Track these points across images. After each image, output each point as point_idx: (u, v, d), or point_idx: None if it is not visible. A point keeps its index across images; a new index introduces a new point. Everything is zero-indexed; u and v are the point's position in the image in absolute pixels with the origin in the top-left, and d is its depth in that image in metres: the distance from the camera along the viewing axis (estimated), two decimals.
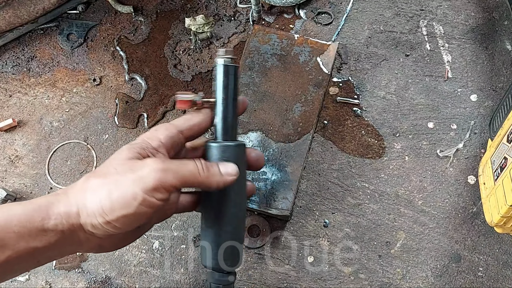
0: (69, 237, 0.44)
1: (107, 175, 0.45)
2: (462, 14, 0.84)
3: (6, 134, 0.81)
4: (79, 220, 0.43)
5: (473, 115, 0.77)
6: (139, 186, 0.43)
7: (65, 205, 0.43)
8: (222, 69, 0.52)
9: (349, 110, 0.78)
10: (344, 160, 0.75)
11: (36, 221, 0.42)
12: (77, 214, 0.43)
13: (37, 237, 0.42)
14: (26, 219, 0.42)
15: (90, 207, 0.43)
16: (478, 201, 0.71)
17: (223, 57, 0.52)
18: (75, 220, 0.43)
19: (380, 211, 0.72)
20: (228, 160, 0.52)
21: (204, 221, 0.55)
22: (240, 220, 0.56)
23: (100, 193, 0.43)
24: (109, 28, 0.87)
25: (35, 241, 0.42)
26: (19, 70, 0.85)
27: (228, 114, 0.53)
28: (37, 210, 0.43)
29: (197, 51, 0.85)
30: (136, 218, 0.44)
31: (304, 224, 0.72)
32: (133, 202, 0.43)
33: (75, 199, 0.44)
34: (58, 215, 0.43)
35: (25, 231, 0.41)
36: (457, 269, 0.69)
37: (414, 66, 0.80)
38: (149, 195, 0.43)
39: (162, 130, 0.50)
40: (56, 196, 0.45)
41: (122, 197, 0.43)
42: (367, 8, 0.85)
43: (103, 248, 0.48)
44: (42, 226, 0.42)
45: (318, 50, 0.77)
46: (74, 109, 0.82)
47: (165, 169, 0.44)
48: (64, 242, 0.44)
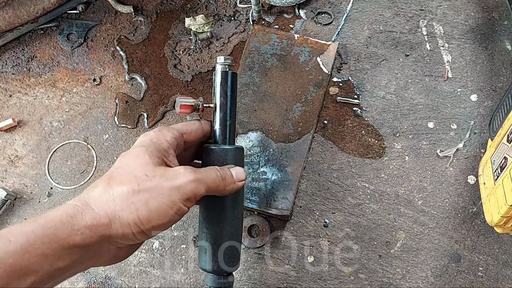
0: (92, 249, 0.41)
1: (138, 183, 0.43)
2: (462, 14, 0.84)
3: (6, 134, 0.81)
4: (109, 231, 0.41)
5: (473, 115, 0.77)
6: (177, 196, 0.43)
7: (92, 217, 0.41)
8: (221, 75, 0.54)
9: (349, 110, 0.78)
10: (344, 160, 0.75)
11: (61, 239, 0.38)
12: (107, 225, 0.41)
13: (61, 257, 0.38)
14: (50, 239, 0.38)
15: (125, 217, 0.41)
16: (478, 201, 0.71)
17: (222, 64, 0.54)
18: (104, 231, 0.41)
19: (380, 211, 0.72)
20: (228, 163, 0.52)
21: (203, 221, 0.55)
22: (239, 221, 0.56)
23: (137, 203, 0.42)
24: (109, 28, 0.87)
25: (59, 261, 0.38)
26: (19, 70, 0.85)
27: (227, 118, 0.55)
28: (60, 227, 0.39)
29: (197, 51, 0.85)
30: (167, 226, 0.45)
31: (304, 224, 0.72)
32: (170, 211, 0.43)
33: (104, 210, 0.41)
34: (85, 229, 0.40)
35: (49, 252, 0.37)
36: (457, 269, 0.69)
37: (414, 66, 0.80)
38: (184, 204, 0.44)
39: (166, 132, 0.50)
40: (75, 207, 0.41)
41: (160, 206, 0.42)
42: (367, 8, 0.85)
43: (118, 258, 0.47)
44: (68, 243, 0.39)
45: (318, 50, 0.77)
46: (74, 109, 0.82)
47: (199, 179, 0.46)
48: (86, 257, 0.41)
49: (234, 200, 0.54)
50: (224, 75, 0.55)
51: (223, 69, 0.55)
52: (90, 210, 0.41)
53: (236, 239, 0.55)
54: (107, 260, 0.45)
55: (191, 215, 0.74)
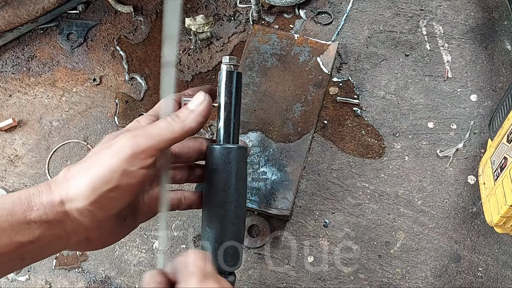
0: (54, 228, 0.42)
1: (85, 160, 0.44)
2: (462, 14, 0.84)
3: (6, 134, 0.81)
4: (64, 207, 0.42)
5: (472, 115, 0.77)
6: (115, 158, 0.41)
7: (47, 195, 0.42)
8: (226, 75, 0.55)
9: (349, 110, 0.78)
10: (344, 160, 0.75)
11: (18, 213, 0.40)
12: (60, 202, 0.42)
13: (20, 231, 0.40)
14: (7, 213, 0.40)
15: (74, 191, 0.41)
16: (478, 201, 0.71)
17: (227, 64, 0.55)
18: (59, 208, 0.42)
19: (380, 211, 0.72)
20: (231, 162, 0.53)
21: (205, 220, 0.55)
22: (241, 220, 0.56)
23: (80, 176, 0.42)
24: (109, 28, 0.87)
25: (18, 235, 0.40)
26: (19, 69, 0.85)
27: (231, 117, 0.55)
28: (18, 203, 0.41)
29: (197, 51, 0.85)
30: (121, 193, 0.42)
31: (304, 224, 0.72)
32: (114, 175, 0.41)
33: (57, 189, 0.42)
34: (41, 205, 0.41)
35: (6, 225, 0.39)
36: (456, 269, 0.69)
37: (413, 66, 0.80)
38: (128, 164, 0.42)
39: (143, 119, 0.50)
40: (37, 187, 0.43)
41: (101, 173, 0.41)
42: (367, 8, 0.85)
43: (91, 242, 0.46)
44: (25, 218, 0.40)
45: (318, 50, 0.77)
46: (73, 109, 0.82)
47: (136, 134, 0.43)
48: (49, 235, 0.42)
49: (237, 199, 0.54)
50: (229, 74, 0.55)
51: (228, 68, 0.55)
52: (47, 190, 0.42)
53: (237, 238, 0.55)
54: (78, 243, 0.45)
55: (191, 215, 0.74)
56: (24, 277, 0.72)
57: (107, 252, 0.72)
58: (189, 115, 0.47)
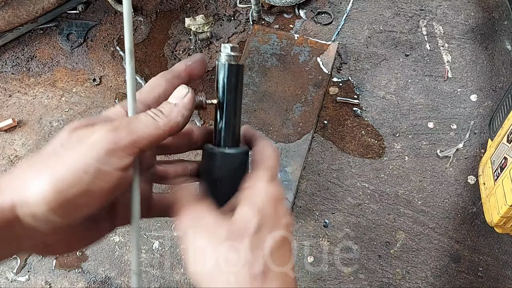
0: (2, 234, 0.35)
1: (49, 154, 0.35)
2: (462, 14, 0.84)
3: (6, 134, 0.81)
4: (15, 213, 0.35)
5: (473, 115, 0.77)
6: (90, 156, 0.34)
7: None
8: (226, 69, 0.48)
9: (349, 110, 0.78)
10: (344, 160, 0.75)
11: None
12: (11, 206, 0.35)
13: None
14: None
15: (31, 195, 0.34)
16: (478, 201, 0.71)
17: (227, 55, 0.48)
18: (9, 213, 0.34)
19: (380, 211, 0.72)
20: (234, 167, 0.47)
21: None
22: None
23: (42, 175, 0.34)
24: (109, 28, 0.87)
25: None
26: (18, 70, 0.85)
27: (232, 118, 0.50)
28: None
29: (197, 51, 0.85)
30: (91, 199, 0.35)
31: (304, 224, 0.72)
32: (85, 176, 0.33)
33: (9, 190, 0.35)
34: None
35: None
36: (457, 269, 0.69)
37: (414, 66, 0.80)
38: (103, 163, 0.34)
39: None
40: None
41: (69, 173, 0.34)
42: (367, 8, 0.85)
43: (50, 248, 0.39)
44: None
45: (318, 50, 0.77)
46: (73, 109, 0.82)
47: (116, 127, 0.35)
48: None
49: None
50: (229, 68, 0.48)
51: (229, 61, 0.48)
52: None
53: None
54: (35, 246, 0.38)
55: None
56: (24, 277, 0.72)
57: (107, 253, 0.72)
58: (173, 109, 0.40)
